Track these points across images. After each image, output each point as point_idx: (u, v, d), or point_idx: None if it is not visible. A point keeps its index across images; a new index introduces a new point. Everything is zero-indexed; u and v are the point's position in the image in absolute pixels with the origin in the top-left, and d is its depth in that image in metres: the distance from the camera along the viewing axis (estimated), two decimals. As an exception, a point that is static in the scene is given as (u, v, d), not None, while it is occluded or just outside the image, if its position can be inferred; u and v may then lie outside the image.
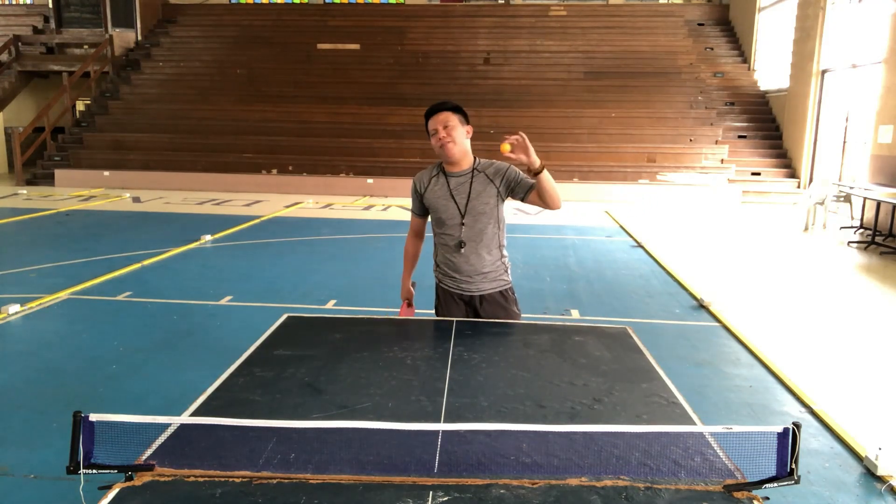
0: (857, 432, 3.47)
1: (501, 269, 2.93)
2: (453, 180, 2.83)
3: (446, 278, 2.94)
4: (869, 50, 11.85)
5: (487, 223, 2.83)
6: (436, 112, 2.76)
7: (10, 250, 8.06)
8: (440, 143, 2.74)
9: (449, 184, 2.83)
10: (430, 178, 2.88)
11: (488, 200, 2.80)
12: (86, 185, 14.45)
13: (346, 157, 14.92)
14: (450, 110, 2.76)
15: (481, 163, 2.86)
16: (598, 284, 6.69)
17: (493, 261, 2.89)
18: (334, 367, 2.27)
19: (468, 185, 2.81)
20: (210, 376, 2.16)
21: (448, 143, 2.74)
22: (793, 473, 1.53)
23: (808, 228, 10.38)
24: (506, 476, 1.58)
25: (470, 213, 2.81)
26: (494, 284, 2.91)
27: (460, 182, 2.82)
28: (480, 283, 2.89)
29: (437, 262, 2.97)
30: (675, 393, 2.12)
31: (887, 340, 5.19)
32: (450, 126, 2.74)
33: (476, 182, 2.80)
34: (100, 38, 18.17)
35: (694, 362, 4.56)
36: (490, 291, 2.91)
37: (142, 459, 1.59)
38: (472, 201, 2.80)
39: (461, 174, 2.83)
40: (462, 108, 2.81)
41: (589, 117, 15.48)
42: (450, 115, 2.75)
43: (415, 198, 2.94)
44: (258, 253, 7.95)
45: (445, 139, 2.73)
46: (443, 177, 2.86)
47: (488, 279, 2.89)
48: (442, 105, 2.78)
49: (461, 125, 2.77)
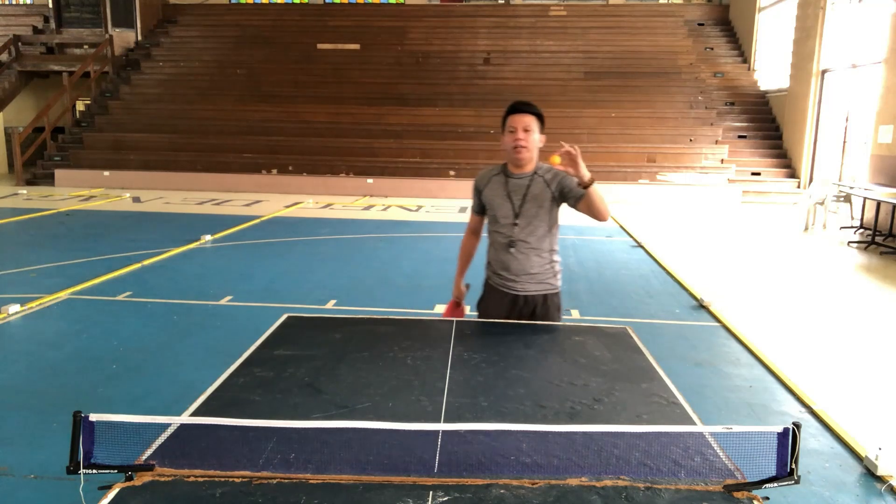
0: (857, 432, 3.47)
1: (550, 273, 2.95)
2: (512, 181, 2.87)
3: (494, 275, 2.99)
4: (869, 50, 11.85)
5: (539, 225, 2.87)
6: (521, 112, 2.78)
7: (10, 250, 8.06)
8: (515, 143, 2.78)
9: (507, 184, 2.88)
10: (491, 176, 2.94)
11: (542, 203, 2.84)
12: (86, 185, 14.45)
13: (346, 157, 14.92)
14: (534, 115, 2.79)
15: (541, 167, 2.89)
16: (598, 284, 6.69)
17: (541, 263, 2.91)
18: (334, 367, 2.27)
19: (526, 187, 2.85)
20: (210, 376, 2.16)
21: (522, 148, 2.78)
22: (793, 473, 1.53)
23: (808, 228, 10.39)
24: (506, 476, 1.58)
25: (523, 215, 2.85)
26: (540, 287, 2.93)
27: (519, 183, 2.86)
28: (527, 284, 2.92)
29: (489, 259, 3.04)
30: (675, 393, 2.12)
31: (887, 340, 5.19)
32: (529, 131, 2.78)
33: (534, 185, 2.85)
34: (100, 38, 18.17)
35: (694, 362, 4.56)
36: (534, 293, 2.93)
37: (142, 459, 1.59)
38: (526, 203, 2.84)
39: (522, 176, 2.87)
40: (543, 115, 2.84)
41: (589, 117, 15.48)
42: (533, 120, 2.78)
43: (475, 195, 3.01)
44: (258, 253, 7.95)
45: (521, 142, 2.78)
46: (503, 177, 2.91)
47: (535, 280, 2.92)
48: (528, 107, 2.79)
49: (538, 132, 2.81)
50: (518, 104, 2.80)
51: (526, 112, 2.77)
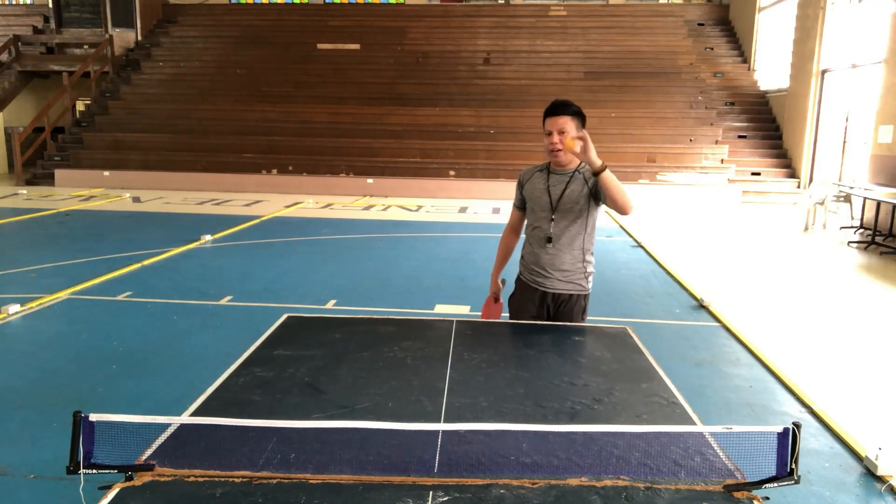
0: (857, 432, 3.47)
1: (580, 274, 2.95)
2: (554, 177, 2.91)
3: (526, 270, 3.03)
4: (869, 50, 11.85)
5: (574, 222, 2.88)
6: (556, 114, 2.78)
7: (10, 250, 8.06)
8: (551, 146, 2.81)
9: (549, 179, 2.91)
10: (534, 172, 2.98)
11: (579, 200, 2.85)
12: (86, 185, 14.45)
13: (346, 157, 14.92)
14: (571, 115, 2.78)
15: (585, 166, 2.87)
16: (598, 284, 6.63)
17: (572, 261, 2.92)
18: (334, 367, 2.27)
19: (566, 183, 2.87)
20: (210, 376, 2.16)
21: (559, 151, 2.80)
22: (793, 473, 1.53)
23: (808, 228, 10.38)
24: (506, 476, 1.58)
25: (560, 210, 2.87)
26: (570, 287, 2.95)
27: (560, 180, 2.89)
28: (556, 282, 2.94)
29: (523, 253, 3.07)
30: (675, 393, 2.12)
31: (887, 340, 5.19)
32: (565, 132, 2.77)
33: (573, 181, 2.86)
34: (100, 38, 18.17)
35: (694, 362, 4.56)
36: (563, 292, 2.95)
37: (142, 459, 1.59)
38: (564, 197, 2.86)
39: (564, 173, 2.90)
40: (582, 111, 2.82)
41: (589, 117, 14.89)
42: (568, 121, 2.78)
43: (518, 189, 3.04)
44: (258, 253, 7.95)
45: (556, 145, 2.79)
46: (546, 172, 2.94)
47: (564, 279, 2.94)
48: (565, 108, 2.78)
49: (576, 131, 2.79)
50: (554, 105, 2.80)
51: (562, 114, 2.77)
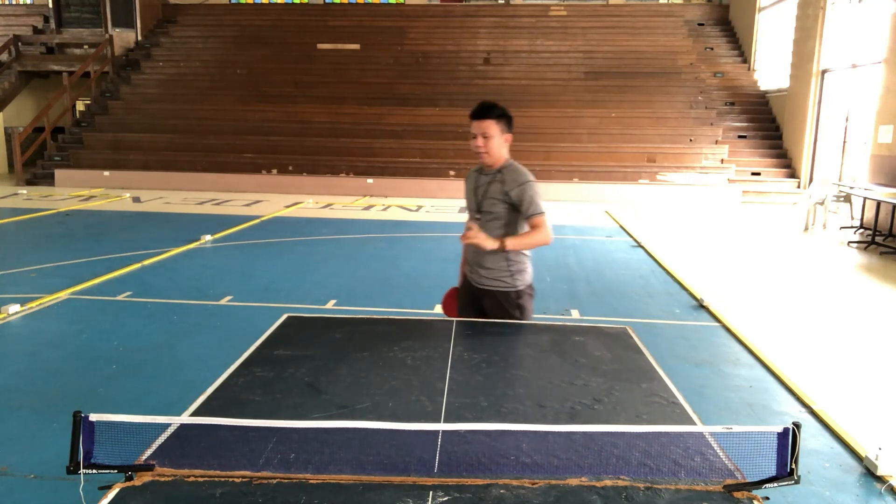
0: (857, 432, 3.47)
1: (504, 272, 2.98)
2: (482, 178, 2.99)
3: (466, 266, 3.15)
4: (869, 50, 11.85)
5: (495, 221, 2.93)
6: (480, 117, 2.81)
7: (10, 250, 8.06)
8: (476, 149, 2.87)
9: (478, 179, 3.00)
10: (471, 172, 3.09)
11: (496, 203, 2.91)
12: (86, 185, 14.45)
13: (346, 157, 14.92)
14: (494, 118, 2.81)
15: (509, 167, 2.93)
16: (598, 284, 6.69)
17: (494, 259, 2.96)
18: (334, 367, 2.27)
19: (488, 184, 2.94)
20: (210, 376, 2.16)
21: (483, 154, 2.87)
22: (793, 473, 1.53)
23: (808, 228, 10.38)
24: (506, 476, 1.58)
25: (482, 210, 2.96)
26: (494, 283, 3.00)
27: (486, 180, 2.96)
28: (481, 278, 3.02)
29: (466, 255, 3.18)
30: (675, 393, 2.12)
31: (887, 341, 5.19)
32: (488, 136, 2.82)
33: (493, 185, 2.91)
34: (100, 38, 18.17)
35: (694, 362, 4.56)
36: (490, 288, 3.01)
37: (142, 459, 1.59)
38: (486, 199, 2.93)
39: (489, 174, 2.96)
40: (508, 112, 2.86)
41: (589, 117, 15.48)
42: (491, 125, 2.81)
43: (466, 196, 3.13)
44: (258, 253, 7.95)
45: (480, 149, 2.85)
46: (478, 173, 3.04)
47: (489, 276, 3.00)
48: (488, 111, 2.80)
49: (500, 134, 2.84)
50: (476, 110, 2.82)
51: (485, 118, 2.80)
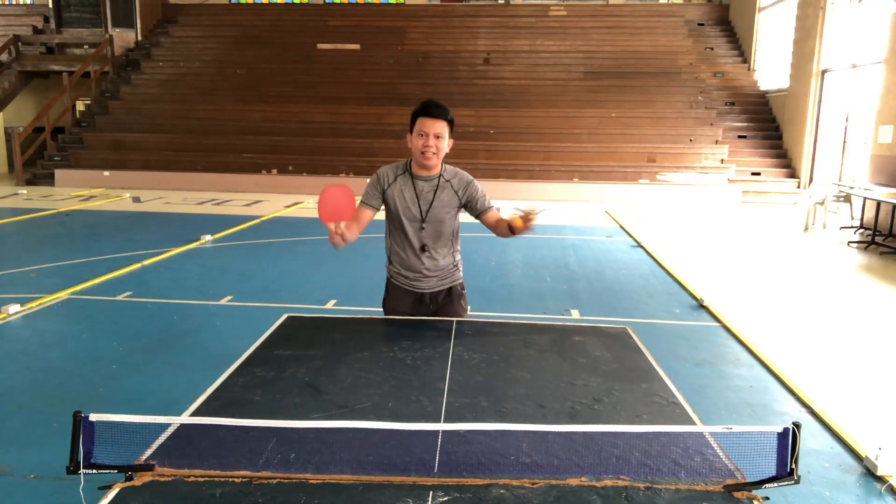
0: (857, 432, 3.47)
1: (453, 268, 3.04)
2: (420, 183, 2.86)
3: (399, 275, 3.01)
4: (869, 50, 11.85)
5: (445, 229, 2.92)
6: (432, 116, 2.74)
7: (10, 250, 8.06)
8: (424, 149, 2.76)
9: (415, 186, 2.87)
10: (395, 175, 2.90)
11: (450, 210, 2.89)
12: (86, 185, 14.44)
13: (346, 157, 14.91)
14: (448, 120, 2.78)
15: (447, 170, 2.90)
16: (598, 284, 6.69)
17: (446, 263, 2.99)
18: (334, 367, 2.27)
19: (433, 191, 2.86)
20: (210, 376, 2.16)
21: (432, 155, 2.77)
22: (793, 473, 1.54)
23: (808, 228, 10.38)
24: (506, 476, 1.58)
25: (429, 220, 2.87)
26: (445, 282, 3.02)
27: (427, 187, 2.86)
28: (432, 283, 2.99)
29: (392, 259, 3.03)
30: (675, 393, 2.12)
31: (887, 341, 5.19)
32: (441, 137, 2.76)
33: (441, 191, 2.86)
34: (100, 38, 18.16)
35: (694, 362, 4.56)
36: (439, 289, 3.02)
37: (142, 459, 1.59)
38: (434, 209, 2.86)
39: (428, 178, 2.87)
40: (454, 120, 2.82)
41: (589, 117, 15.48)
42: (444, 126, 2.77)
43: (375, 190, 2.91)
44: (258, 253, 7.95)
45: (430, 150, 2.75)
46: (409, 177, 2.88)
47: (440, 278, 3.00)
48: (441, 112, 2.76)
49: (448, 136, 2.80)
50: (431, 108, 2.74)
51: (438, 118, 2.74)
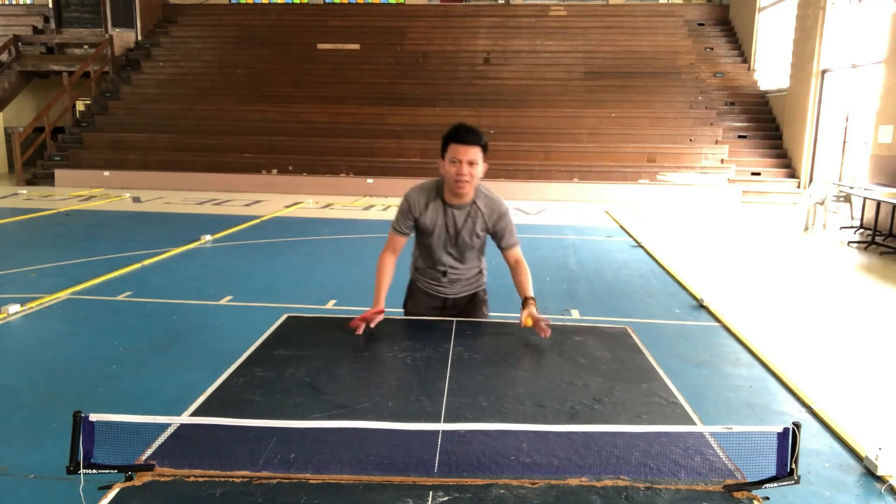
0: (857, 432, 3.47)
1: (478, 275, 3.07)
2: (453, 211, 2.79)
3: (424, 278, 3.03)
4: (869, 50, 11.84)
5: (472, 254, 2.95)
6: (466, 143, 2.63)
7: (10, 250, 8.06)
8: (458, 177, 2.64)
9: (446, 213, 2.79)
10: (427, 202, 2.79)
11: (477, 238, 2.87)
12: (86, 185, 14.44)
13: (346, 157, 14.91)
14: (482, 146, 2.66)
15: (481, 197, 2.79)
16: (598, 284, 6.69)
17: (470, 276, 3.02)
18: (334, 367, 2.27)
19: (464, 219, 2.79)
20: (210, 376, 2.16)
21: (465, 183, 2.66)
22: (793, 473, 1.54)
23: (808, 228, 10.38)
24: (506, 476, 1.58)
25: (458, 246, 2.88)
26: (469, 288, 3.05)
27: (459, 215, 2.79)
28: (457, 287, 3.02)
29: (417, 265, 3.05)
30: (675, 393, 2.12)
31: (887, 341, 5.19)
32: (474, 164, 2.65)
33: (475, 221, 2.80)
34: (100, 38, 18.16)
35: (694, 362, 4.56)
36: (463, 294, 3.04)
37: (142, 459, 1.59)
38: (462, 234, 2.82)
39: (461, 207, 2.78)
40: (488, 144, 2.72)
41: (589, 117, 15.48)
42: (478, 153, 2.65)
43: (406, 217, 2.83)
44: (258, 253, 7.94)
45: (464, 178, 2.64)
46: (441, 203, 2.79)
47: (464, 284, 3.03)
48: (475, 138, 2.64)
49: (482, 162, 2.69)
50: (464, 134, 2.63)
51: (473, 145, 2.63)
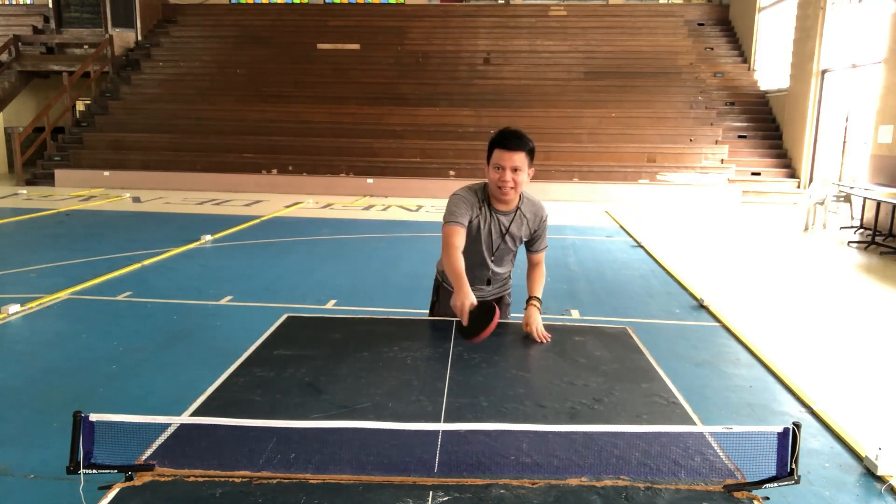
0: (857, 432, 3.47)
1: (507, 280, 3.08)
2: (497, 217, 2.75)
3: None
4: (869, 50, 11.85)
5: (508, 257, 2.96)
6: (512, 148, 2.57)
7: (10, 250, 8.06)
8: (501, 184, 2.60)
9: (491, 220, 2.75)
10: (480, 206, 2.73)
11: (517, 242, 2.87)
12: (86, 185, 14.44)
13: (346, 157, 14.92)
14: (527, 151, 2.60)
15: (525, 202, 2.76)
16: (598, 284, 6.69)
17: (503, 282, 3.05)
18: (334, 367, 2.27)
19: (508, 224, 2.77)
20: (210, 376, 2.16)
21: (510, 190, 2.62)
22: (793, 473, 1.54)
23: (808, 228, 10.38)
24: (506, 476, 1.58)
25: (498, 252, 2.86)
26: (497, 292, 3.06)
27: (506, 221, 2.77)
28: (486, 295, 2.99)
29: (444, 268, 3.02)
30: (675, 393, 2.12)
31: (887, 340, 5.19)
32: (519, 170, 2.59)
33: (514, 224, 2.76)
34: (100, 38, 18.16)
35: (694, 362, 4.56)
36: (492, 297, 3.03)
37: (142, 459, 1.59)
38: (505, 239, 2.80)
39: (506, 213, 2.75)
40: (535, 148, 2.66)
41: (589, 117, 15.48)
42: (523, 158, 2.59)
43: (467, 212, 2.70)
44: (258, 253, 7.94)
45: (508, 185, 2.59)
46: (488, 209, 2.73)
47: (492, 291, 3.03)
48: (519, 144, 2.58)
49: (528, 167, 2.63)
50: (509, 139, 2.58)
51: (518, 150, 2.57)
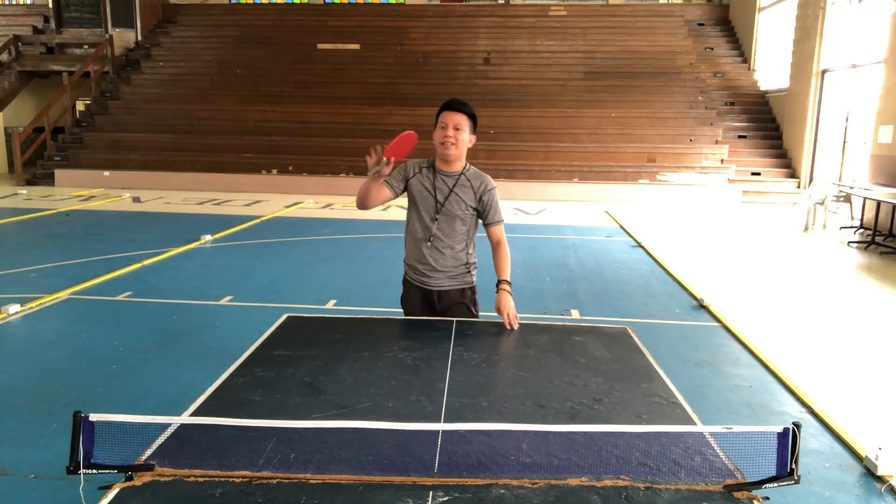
0: (857, 432, 3.47)
1: (464, 270, 3.02)
2: (440, 177, 2.94)
3: (411, 270, 3.06)
4: (869, 50, 11.85)
5: (457, 225, 2.95)
6: (453, 110, 2.87)
7: (10, 250, 8.06)
8: (444, 139, 2.85)
9: (435, 179, 2.94)
10: (420, 167, 2.99)
11: (465, 209, 2.92)
12: (86, 185, 14.44)
13: (346, 157, 14.91)
14: (467, 115, 2.88)
15: (471, 171, 2.98)
16: (598, 284, 6.69)
17: (455, 262, 2.98)
18: (334, 367, 2.27)
19: (452, 186, 2.93)
20: (210, 376, 2.16)
21: (451, 145, 2.85)
22: (793, 473, 1.54)
23: (808, 228, 10.38)
24: (506, 476, 1.58)
25: (444, 212, 2.92)
26: (454, 282, 3.01)
27: (447, 182, 2.93)
28: (441, 280, 2.98)
29: (407, 252, 3.09)
30: (675, 393, 2.12)
31: (887, 340, 5.19)
32: (460, 129, 2.86)
33: (459, 188, 2.92)
34: (100, 38, 18.16)
35: (694, 362, 4.56)
36: (449, 288, 3.00)
37: (142, 459, 1.59)
38: (449, 202, 2.91)
39: (449, 175, 2.94)
40: (476, 117, 2.94)
41: (589, 117, 15.47)
42: (464, 119, 2.87)
43: (399, 175, 2.99)
44: (258, 253, 7.94)
45: (449, 139, 2.85)
46: (432, 171, 2.97)
47: (449, 276, 2.99)
48: (462, 106, 2.88)
49: (469, 132, 2.90)
50: (453, 102, 2.89)
51: (459, 111, 2.86)
